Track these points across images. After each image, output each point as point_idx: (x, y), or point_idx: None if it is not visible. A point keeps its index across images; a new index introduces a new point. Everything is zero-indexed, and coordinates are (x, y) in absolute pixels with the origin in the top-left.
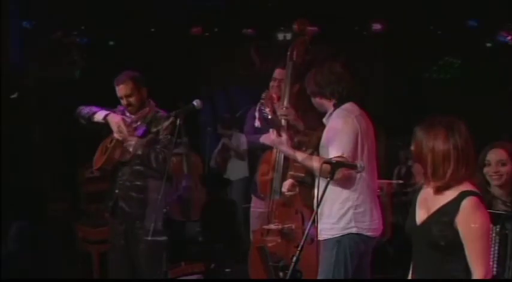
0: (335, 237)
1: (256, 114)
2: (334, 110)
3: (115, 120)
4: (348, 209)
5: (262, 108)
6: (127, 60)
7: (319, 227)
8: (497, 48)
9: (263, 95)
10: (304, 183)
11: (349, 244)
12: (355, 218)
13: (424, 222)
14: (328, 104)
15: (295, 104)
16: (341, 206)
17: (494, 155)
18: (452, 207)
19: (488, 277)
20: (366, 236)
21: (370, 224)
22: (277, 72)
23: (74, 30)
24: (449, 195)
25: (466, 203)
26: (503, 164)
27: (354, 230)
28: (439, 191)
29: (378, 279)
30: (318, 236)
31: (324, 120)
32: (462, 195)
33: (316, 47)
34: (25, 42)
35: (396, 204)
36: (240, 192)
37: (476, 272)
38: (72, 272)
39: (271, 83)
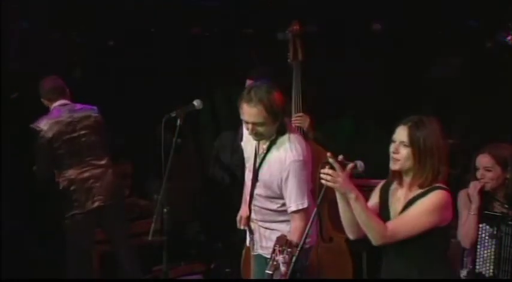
0: None
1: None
2: None
3: None
4: None
5: None
6: (127, 60)
7: None
8: (497, 48)
9: None
10: None
11: None
12: None
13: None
14: None
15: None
16: None
17: (480, 161)
18: (419, 196)
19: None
20: None
21: None
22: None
23: (74, 30)
24: (422, 190)
25: (433, 193)
26: (488, 170)
27: None
28: (414, 187)
29: (377, 279)
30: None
31: None
32: (432, 188)
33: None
34: (25, 42)
35: None
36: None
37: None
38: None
39: None
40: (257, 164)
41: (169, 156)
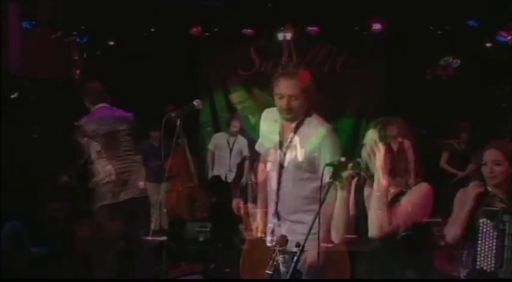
0: None
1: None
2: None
3: None
4: None
5: None
6: (127, 60)
7: None
8: (497, 48)
9: None
10: None
11: None
12: None
13: None
14: None
15: None
16: None
17: (489, 155)
18: (403, 194)
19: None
20: None
21: None
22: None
23: (74, 30)
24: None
25: (418, 186)
26: (498, 164)
27: None
28: (391, 187)
29: (376, 280)
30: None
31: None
32: (416, 183)
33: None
34: (25, 42)
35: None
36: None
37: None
38: (72, 272)
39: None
40: (284, 148)
41: (169, 156)
